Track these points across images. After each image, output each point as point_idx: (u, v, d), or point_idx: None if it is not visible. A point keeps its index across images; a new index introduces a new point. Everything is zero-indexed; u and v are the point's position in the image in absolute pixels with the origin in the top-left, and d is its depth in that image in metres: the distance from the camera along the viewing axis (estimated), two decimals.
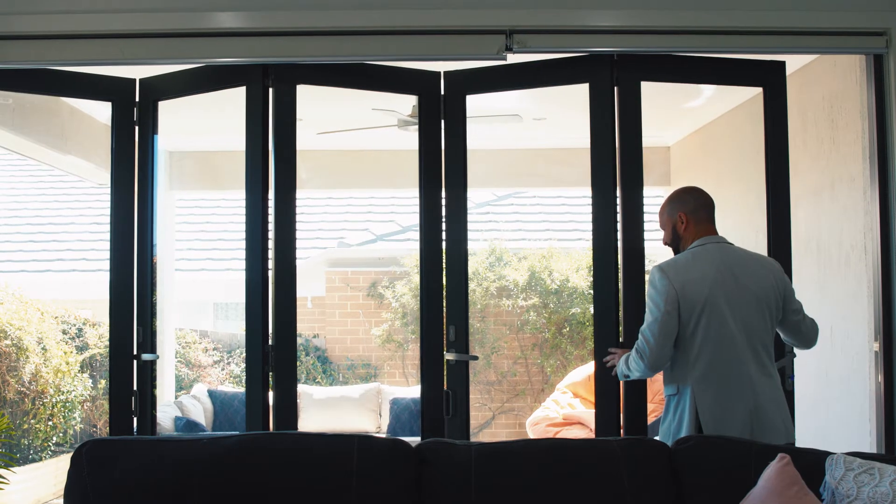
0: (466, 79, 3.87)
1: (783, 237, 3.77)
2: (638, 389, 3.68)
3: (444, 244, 3.90)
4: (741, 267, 3.11)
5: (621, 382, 3.62)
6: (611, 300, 3.70)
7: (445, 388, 3.83)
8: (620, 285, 3.71)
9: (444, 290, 3.87)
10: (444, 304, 3.86)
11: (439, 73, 3.87)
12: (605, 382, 3.65)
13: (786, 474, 2.14)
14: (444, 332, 3.85)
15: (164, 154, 6.95)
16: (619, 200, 3.74)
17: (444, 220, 3.89)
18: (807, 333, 3.22)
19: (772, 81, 3.85)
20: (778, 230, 3.78)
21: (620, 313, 3.69)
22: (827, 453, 2.37)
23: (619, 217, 3.74)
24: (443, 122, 3.87)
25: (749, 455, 2.42)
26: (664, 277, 3.02)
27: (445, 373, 3.84)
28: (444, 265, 3.92)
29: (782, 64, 3.88)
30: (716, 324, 2.99)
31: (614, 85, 3.71)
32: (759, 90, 5.30)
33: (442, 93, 3.88)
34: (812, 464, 2.35)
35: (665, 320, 2.97)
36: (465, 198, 3.91)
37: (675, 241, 3.24)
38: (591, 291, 8.92)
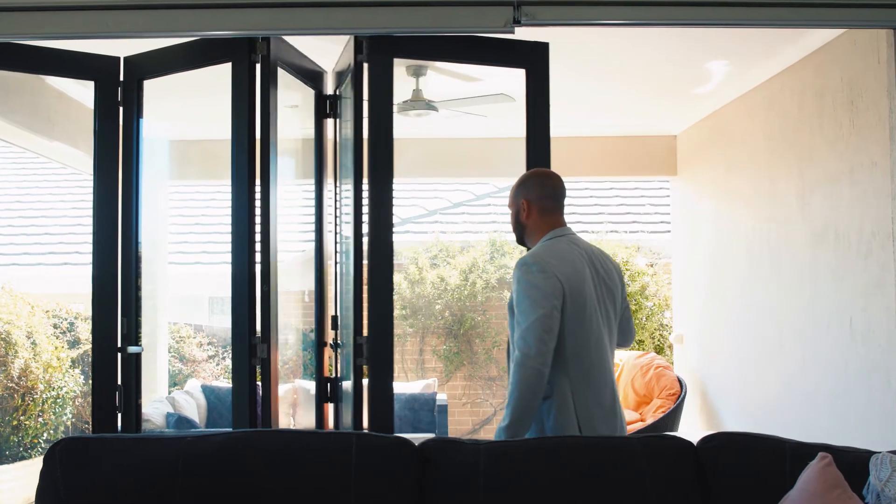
0: (340, 75, 3.96)
1: None
2: (385, 388, 3.48)
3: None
4: (599, 262, 2.89)
5: (351, 376, 3.52)
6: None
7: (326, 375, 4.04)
8: (365, 279, 3.51)
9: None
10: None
11: (324, 71, 4.06)
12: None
13: (828, 475, 1.94)
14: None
15: (165, 143, 6.74)
16: (365, 190, 3.51)
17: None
18: (633, 330, 3.06)
19: (534, 63, 3.66)
20: None
21: (365, 308, 3.49)
22: (869, 452, 2.18)
23: (365, 208, 3.50)
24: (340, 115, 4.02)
25: (783, 454, 2.22)
26: (545, 270, 2.70)
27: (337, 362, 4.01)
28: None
29: (545, 45, 3.67)
30: (594, 323, 2.77)
31: (363, 62, 3.50)
32: (774, 73, 5.21)
33: (330, 91, 4.03)
34: (851, 463, 2.14)
35: (555, 316, 2.66)
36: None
37: (518, 228, 2.98)
38: None
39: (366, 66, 3.49)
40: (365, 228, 3.49)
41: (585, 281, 2.78)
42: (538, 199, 2.90)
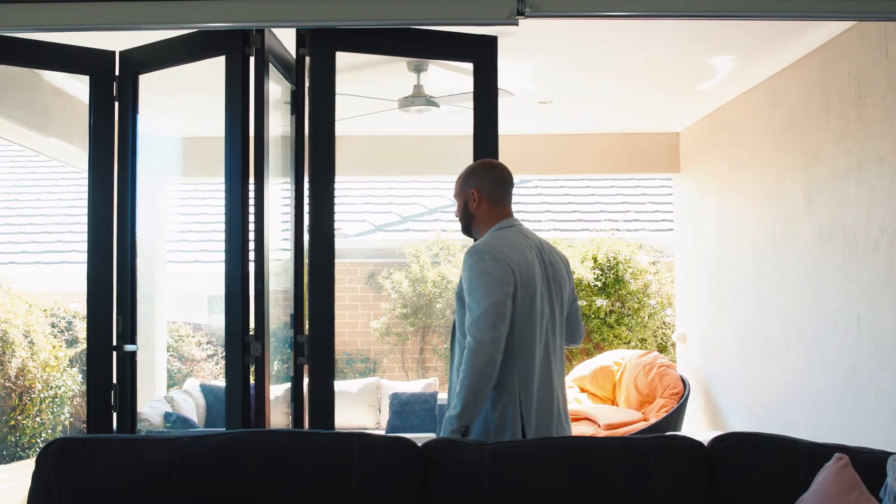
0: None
1: None
2: (326, 388, 3.44)
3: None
4: (547, 255, 2.84)
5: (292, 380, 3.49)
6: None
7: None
8: (306, 276, 3.46)
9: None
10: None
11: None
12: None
13: (844, 477, 1.88)
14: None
15: (165, 140, 6.66)
16: (306, 186, 3.46)
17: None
18: (581, 327, 3.02)
19: (482, 56, 3.57)
20: None
21: (305, 306, 3.45)
22: (885, 453, 2.12)
23: (306, 204, 3.45)
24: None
25: (796, 455, 2.16)
26: (498, 259, 2.66)
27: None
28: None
29: (494, 39, 3.59)
30: (542, 315, 2.73)
31: (304, 56, 3.43)
32: (779, 69, 5.15)
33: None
34: (867, 464, 2.08)
35: (507, 304, 2.61)
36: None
37: (465, 218, 2.93)
38: (598, 283, 8.68)
39: (307, 59, 3.42)
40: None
41: (535, 272, 2.74)
42: (488, 190, 2.87)
